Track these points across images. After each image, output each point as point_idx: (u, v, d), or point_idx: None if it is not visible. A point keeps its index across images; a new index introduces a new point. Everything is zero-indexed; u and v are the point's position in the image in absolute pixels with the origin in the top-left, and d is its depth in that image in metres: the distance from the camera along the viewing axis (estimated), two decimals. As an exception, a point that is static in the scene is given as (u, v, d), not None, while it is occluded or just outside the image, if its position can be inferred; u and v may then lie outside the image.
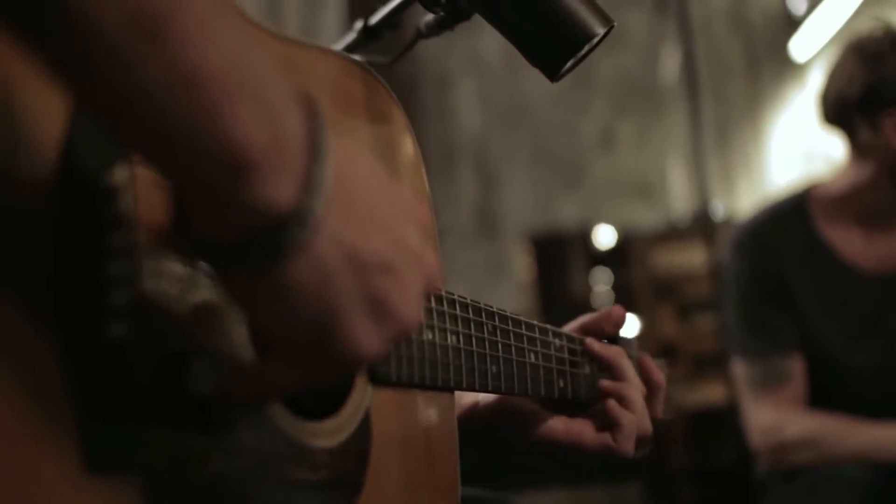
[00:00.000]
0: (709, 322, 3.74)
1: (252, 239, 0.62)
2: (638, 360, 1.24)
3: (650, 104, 5.00)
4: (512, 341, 1.06)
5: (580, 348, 1.18)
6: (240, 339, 0.76)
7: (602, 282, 4.16)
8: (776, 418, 2.32)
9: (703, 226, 3.27)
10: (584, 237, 4.35)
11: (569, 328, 1.22)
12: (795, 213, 2.42)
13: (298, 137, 0.63)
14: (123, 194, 0.68)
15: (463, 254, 5.13)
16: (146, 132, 0.59)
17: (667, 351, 3.85)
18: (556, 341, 1.14)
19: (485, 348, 1.02)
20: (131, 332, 0.67)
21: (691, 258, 3.82)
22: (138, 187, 0.68)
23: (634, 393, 1.17)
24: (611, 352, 1.19)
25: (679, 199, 4.82)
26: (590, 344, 1.18)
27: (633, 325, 3.77)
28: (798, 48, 3.24)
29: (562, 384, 1.14)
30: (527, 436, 1.15)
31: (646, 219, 4.78)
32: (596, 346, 1.19)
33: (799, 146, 4.85)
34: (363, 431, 0.87)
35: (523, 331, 1.09)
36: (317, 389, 0.80)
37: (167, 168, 0.62)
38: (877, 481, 2.17)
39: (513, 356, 1.06)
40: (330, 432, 0.83)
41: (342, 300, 0.66)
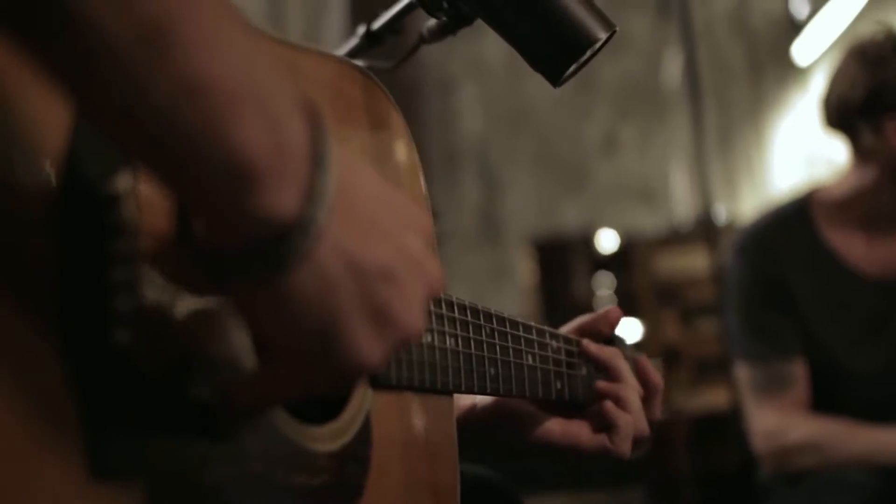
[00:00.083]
0: (711, 326, 3.73)
1: (255, 248, 0.62)
2: (635, 362, 1.24)
3: (653, 108, 5.00)
4: (510, 343, 1.07)
5: (577, 350, 1.18)
6: (243, 346, 0.76)
7: (605, 286, 4.16)
8: (779, 422, 2.31)
9: (705, 230, 3.26)
10: (586, 241, 4.35)
11: (566, 329, 1.22)
12: (798, 217, 2.42)
13: (301, 146, 0.63)
14: (126, 202, 0.68)
15: (466, 258, 5.13)
16: (149, 141, 0.59)
17: (669, 355, 3.84)
18: (554, 343, 1.15)
19: (483, 350, 1.02)
20: (135, 338, 0.67)
21: (694, 262, 3.82)
22: (141, 194, 0.69)
23: (631, 394, 1.17)
24: (607, 353, 1.19)
25: (682, 204, 4.82)
26: (586, 345, 1.18)
27: (635, 329, 3.78)
28: (800, 52, 3.24)
29: (559, 385, 1.14)
30: (524, 437, 1.15)
31: (648, 223, 4.78)
32: (592, 347, 1.19)
33: (801, 150, 4.85)
34: (364, 435, 0.87)
35: (521, 332, 1.09)
36: (319, 396, 0.80)
37: (170, 177, 0.62)
38: (880, 485, 2.17)
39: (510, 358, 1.06)
40: (331, 436, 0.83)
41: (344, 308, 0.65)
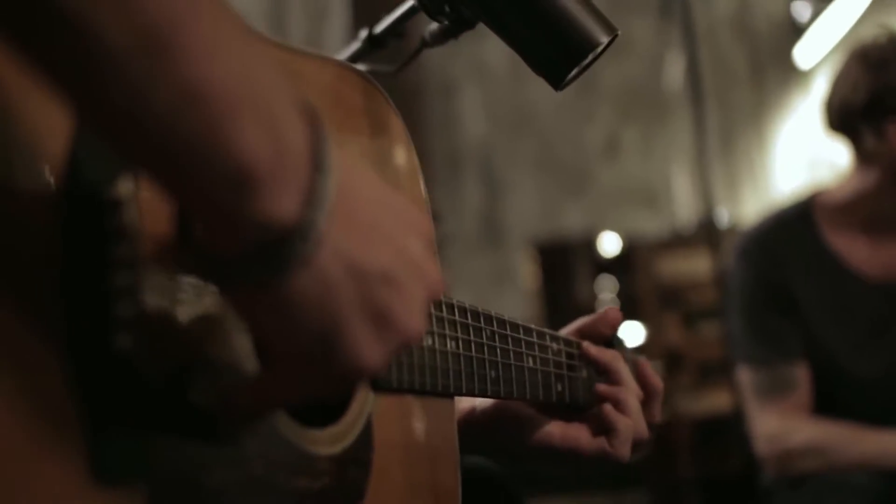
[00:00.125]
0: (714, 329, 3.73)
1: (255, 252, 0.62)
2: (635, 364, 1.24)
3: (655, 111, 5.00)
4: (510, 346, 1.07)
5: (577, 352, 1.18)
6: (244, 350, 0.76)
7: (607, 289, 4.16)
8: (782, 426, 2.31)
9: (708, 233, 3.26)
10: (589, 245, 4.35)
11: (566, 331, 1.22)
12: (800, 221, 2.42)
13: (301, 150, 0.64)
14: (128, 207, 0.68)
15: (468, 261, 5.13)
16: (149, 147, 0.59)
17: (672, 358, 3.84)
18: (554, 345, 1.14)
19: (483, 353, 1.02)
20: (137, 343, 0.67)
21: (696, 266, 3.82)
22: (142, 199, 0.69)
23: (630, 397, 1.17)
24: (607, 356, 1.19)
25: (684, 207, 4.82)
26: (586, 348, 1.18)
27: (638, 332, 3.77)
28: (802, 55, 3.24)
29: (559, 388, 1.14)
30: (523, 440, 1.15)
31: (651, 226, 4.78)
32: (592, 350, 1.18)
33: (803, 153, 4.85)
34: (365, 438, 0.87)
35: (521, 335, 1.09)
36: (320, 399, 0.80)
37: (170, 182, 0.62)
38: (883, 489, 2.17)
39: (511, 361, 1.06)
40: (332, 439, 0.83)
41: (345, 312, 0.66)
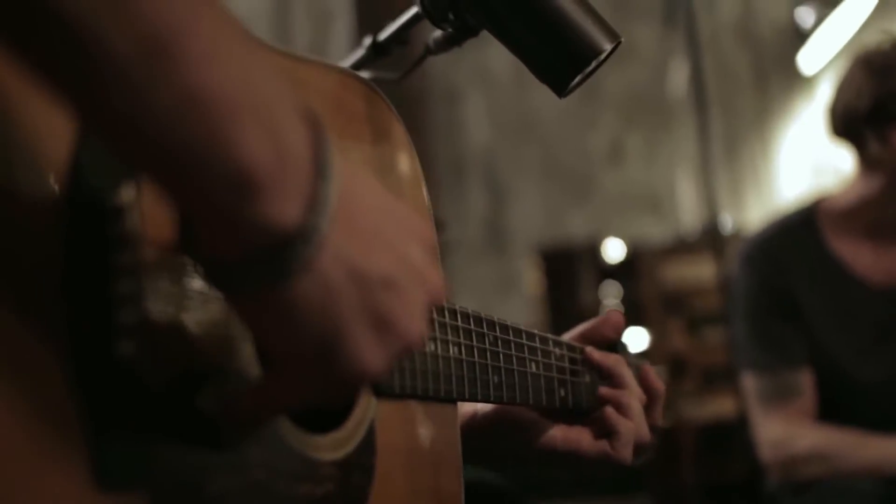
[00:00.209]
0: (718, 335, 3.73)
1: (258, 257, 0.63)
2: (637, 368, 1.24)
3: (658, 118, 5.00)
4: (513, 351, 1.07)
5: (580, 357, 1.18)
6: (247, 355, 0.76)
7: (611, 295, 4.15)
8: (786, 432, 2.31)
9: (711, 239, 3.25)
10: (593, 251, 4.34)
11: (569, 336, 1.22)
12: (804, 227, 2.42)
13: (304, 156, 0.64)
14: (130, 213, 0.68)
15: (472, 268, 5.13)
16: (150, 152, 0.60)
17: (676, 364, 3.84)
18: (557, 350, 1.15)
19: (486, 359, 1.02)
20: (139, 349, 0.67)
21: (700, 271, 3.82)
22: (145, 206, 0.69)
23: (633, 400, 1.18)
24: (610, 360, 1.19)
25: (688, 213, 4.82)
26: (590, 353, 1.19)
27: (642, 338, 3.77)
28: (806, 61, 3.23)
29: (562, 393, 1.14)
30: (525, 444, 1.16)
31: (655, 232, 4.78)
32: (596, 354, 1.19)
33: (807, 159, 4.84)
34: (368, 444, 0.87)
35: (524, 340, 1.09)
36: (323, 404, 0.80)
37: (172, 187, 0.62)
38: (887, 495, 2.16)
39: (514, 366, 1.07)
40: (335, 445, 0.83)
41: (346, 316, 0.66)
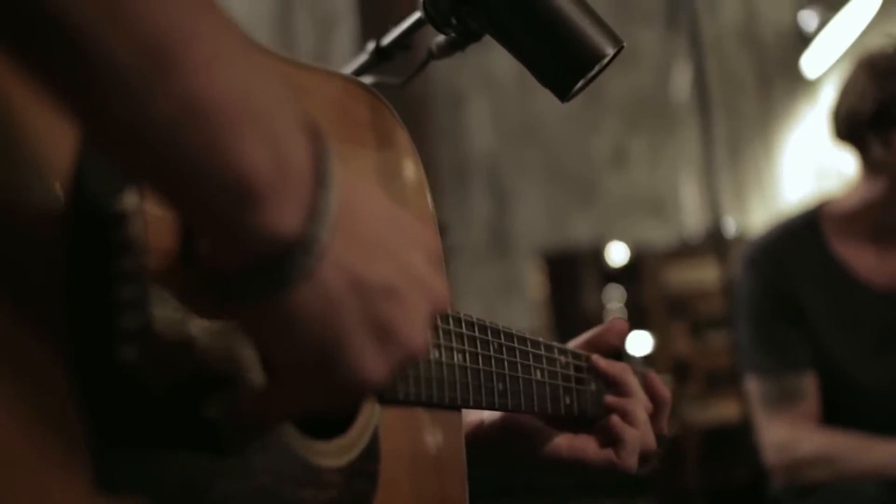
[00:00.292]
0: (722, 339, 3.72)
1: (258, 266, 0.63)
2: (643, 377, 1.24)
3: (662, 121, 5.00)
4: (518, 359, 1.07)
5: (586, 365, 1.18)
6: (250, 363, 0.76)
7: (615, 299, 4.15)
8: (790, 435, 2.31)
9: (715, 242, 3.25)
10: (596, 254, 4.34)
11: (574, 344, 1.22)
12: (808, 230, 2.42)
13: (303, 165, 0.64)
14: (133, 220, 0.68)
15: (476, 272, 5.13)
16: (150, 160, 0.60)
17: (680, 368, 3.84)
18: (562, 358, 1.15)
19: (491, 366, 1.02)
20: (142, 355, 0.67)
21: (704, 275, 3.82)
22: (148, 213, 0.69)
23: (638, 408, 1.18)
24: (616, 368, 1.19)
25: (691, 216, 4.82)
26: (595, 360, 1.19)
27: (645, 342, 3.77)
28: (809, 64, 3.23)
29: (568, 401, 1.14)
30: (531, 452, 1.16)
31: (658, 236, 4.78)
32: (602, 362, 1.19)
33: (811, 162, 4.84)
34: (372, 450, 0.87)
35: (529, 348, 1.09)
36: (327, 413, 0.80)
37: (172, 195, 0.62)
38: (891, 498, 2.16)
39: (519, 373, 1.06)
40: (339, 451, 0.83)
41: (347, 326, 0.66)
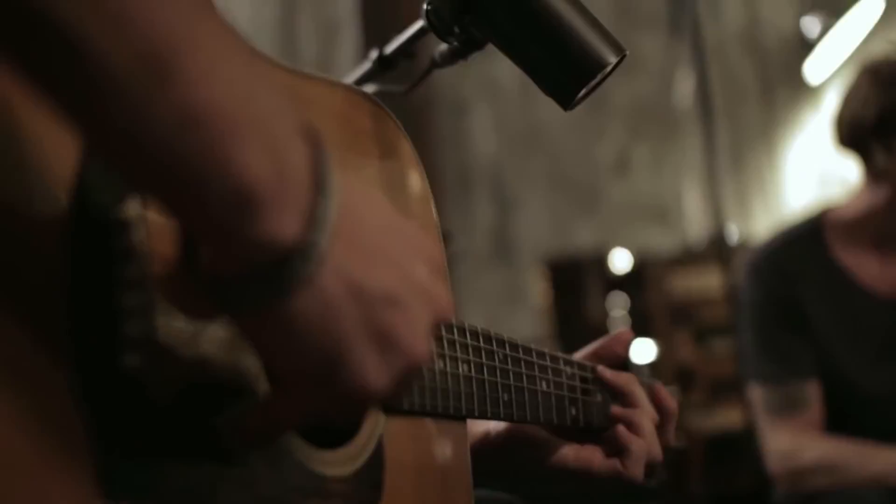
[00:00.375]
0: (725, 346, 3.72)
1: (257, 273, 0.63)
2: (650, 387, 1.24)
3: (665, 128, 5.00)
4: (523, 369, 1.07)
5: (592, 376, 1.18)
6: (253, 371, 0.76)
7: (618, 306, 4.15)
8: (793, 443, 2.30)
9: (718, 249, 3.25)
10: (600, 262, 4.34)
11: (580, 355, 1.22)
12: (811, 237, 2.42)
13: (303, 172, 0.64)
14: (136, 227, 0.68)
15: (479, 279, 5.13)
16: (150, 168, 0.60)
17: (683, 376, 3.83)
18: (568, 369, 1.14)
19: (496, 376, 1.02)
20: (145, 363, 0.67)
21: (707, 282, 3.82)
22: (150, 220, 0.69)
23: (644, 419, 1.17)
24: (622, 379, 1.19)
25: (694, 223, 4.82)
26: (602, 371, 1.18)
27: (649, 349, 3.76)
28: (812, 71, 3.23)
29: (573, 412, 1.14)
30: (538, 463, 1.15)
31: (661, 243, 4.78)
32: (608, 373, 1.18)
33: (814, 169, 4.84)
34: (376, 460, 0.87)
35: (534, 359, 1.09)
36: (332, 421, 0.80)
37: (172, 203, 0.62)
38: (895, 506, 2.16)
39: (524, 384, 1.06)
40: (343, 461, 0.83)
41: (347, 333, 0.66)
